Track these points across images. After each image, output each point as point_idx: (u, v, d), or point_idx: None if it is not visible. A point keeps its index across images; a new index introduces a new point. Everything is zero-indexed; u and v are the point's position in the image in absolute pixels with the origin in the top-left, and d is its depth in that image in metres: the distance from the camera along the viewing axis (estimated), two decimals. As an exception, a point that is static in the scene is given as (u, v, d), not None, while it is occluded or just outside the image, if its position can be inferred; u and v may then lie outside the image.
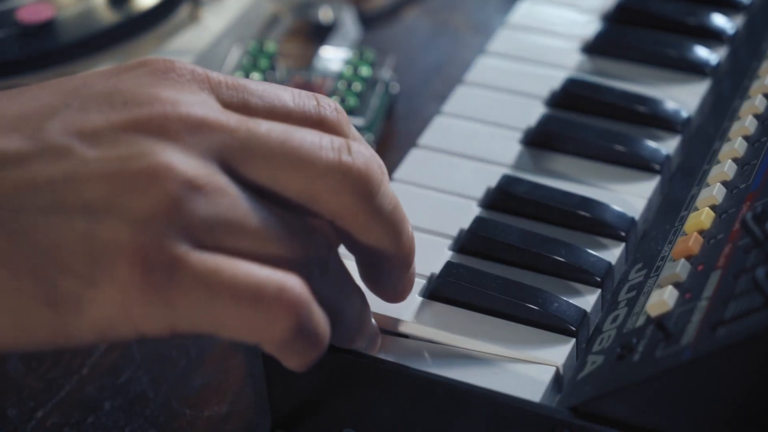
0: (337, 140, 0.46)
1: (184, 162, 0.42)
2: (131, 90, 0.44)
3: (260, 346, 0.44)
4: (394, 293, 0.51)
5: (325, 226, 0.47)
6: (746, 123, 0.58)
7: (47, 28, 0.72)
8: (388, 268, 0.49)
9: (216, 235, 0.42)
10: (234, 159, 0.44)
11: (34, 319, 0.41)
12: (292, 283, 0.43)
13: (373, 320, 0.50)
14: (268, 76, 0.73)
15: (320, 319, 0.45)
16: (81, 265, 0.41)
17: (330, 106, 0.48)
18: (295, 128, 0.46)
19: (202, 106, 0.45)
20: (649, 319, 0.48)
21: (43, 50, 0.70)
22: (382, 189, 0.47)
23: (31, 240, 0.41)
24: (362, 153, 0.46)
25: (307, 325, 0.43)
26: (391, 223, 0.48)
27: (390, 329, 0.52)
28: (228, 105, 0.46)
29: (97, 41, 0.72)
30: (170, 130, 0.43)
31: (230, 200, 0.43)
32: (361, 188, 0.46)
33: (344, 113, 0.48)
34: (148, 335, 0.43)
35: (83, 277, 0.41)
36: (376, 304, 0.52)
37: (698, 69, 0.66)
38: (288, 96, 0.47)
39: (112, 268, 0.41)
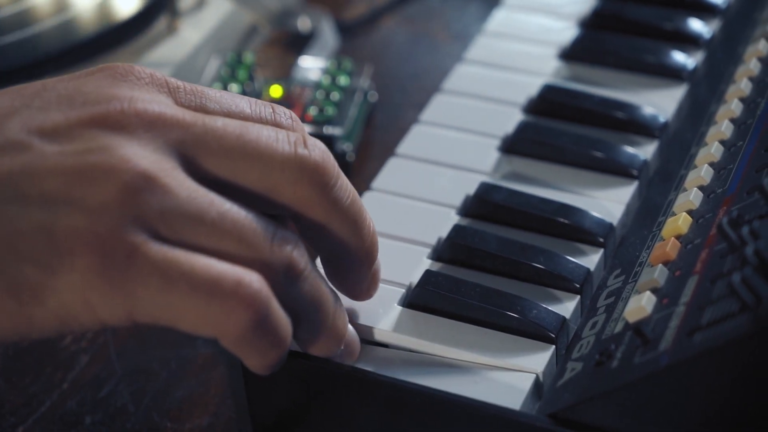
0: (293, 134, 0.47)
1: (139, 155, 0.43)
2: (91, 91, 0.45)
3: (219, 341, 0.44)
4: (359, 291, 0.51)
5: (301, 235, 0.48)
6: (722, 127, 0.58)
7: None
8: (351, 265, 0.49)
9: (174, 227, 0.43)
10: (191, 153, 0.45)
11: None
12: (251, 278, 0.43)
13: (351, 329, 0.51)
14: (247, 86, 0.73)
15: (280, 318, 0.45)
16: (41, 254, 0.42)
17: (285, 114, 0.49)
18: (251, 124, 0.47)
19: (159, 104, 0.46)
20: (627, 325, 0.49)
21: (20, 63, 0.70)
22: (339, 181, 0.48)
23: None
24: (318, 146, 0.47)
25: (265, 323, 0.44)
26: (349, 216, 0.48)
27: (369, 339, 0.52)
28: (186, 108, 0.47)
29: (74, 54, 0.72)
30: (127, 125, 0.44)
31: (187, 193, 0.44)
32: (318, 180, 0.47)
33: (300, 123, 0.49)
34: (107, 324, 0.43)
35: (43, 265, 0.42)
36: (354, 313, 0.52)
37: (675, 74, 0.66)
38: (245, 103, 0.49)
39: (71, 257, 0.42)
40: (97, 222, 0.42)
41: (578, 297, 0.54)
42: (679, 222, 0.53)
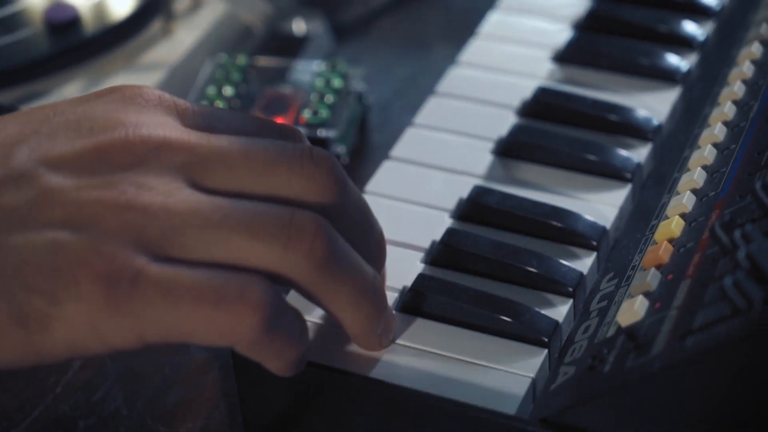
0: (299, 146, 0.47)
1: (141, 185, 0.44)
2: (98, 116, 0.46)
3: (234, 349, 0.44)
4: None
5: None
6: (716, 130, 0.58)
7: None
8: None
9: (177, 244, 0.43)
10: (198, 173, 0.45)
11: (6, 338, 0.42)
12: (255, 282, 0.44)
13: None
14: (241, 89, 0.72)
15: (292, 318, 0.45)
16: (46, 283, 0.42)
17: (292, 132, 0.49)
18: (258, 139, 0.47)
19: (164, 127, 0.46)
20: (619, 329, 0.48)
21: (12, 65, 0.70)
22: (348, 189, 0.48)
23: None
24: (325, 158, 0.47)
25: (276, 324, 0.44)
26: (361, 221, 0.48)
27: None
28: (193, 129, 0.47)
29: (69, 56, 0.72)
30: (132, 153, 0.45)
31: (187, 206, 0.44)
32: (327, 190, 0.47)
33: (306, 140, 0.49)
34: (118, 349, 0.44)
35: (49, 295, 0.42)
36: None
37: (669, 76, 0.66)
38: (252, 122, 0.49)
39: (76, 286, 0.42)
40: (99, 251, 0.42)
41: (571, 301, 0.54)
42: (672, 225, 0.53)
